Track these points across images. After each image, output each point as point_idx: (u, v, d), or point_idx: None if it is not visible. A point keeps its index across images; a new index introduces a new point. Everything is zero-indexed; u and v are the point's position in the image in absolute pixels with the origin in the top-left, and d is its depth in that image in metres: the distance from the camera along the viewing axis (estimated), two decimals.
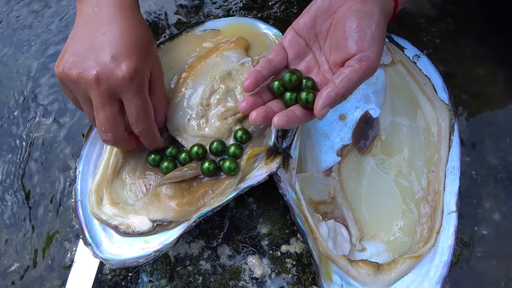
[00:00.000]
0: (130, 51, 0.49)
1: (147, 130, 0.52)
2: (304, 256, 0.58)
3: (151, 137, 0.53)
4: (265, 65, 0.52)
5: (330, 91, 0.47)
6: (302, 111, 0.50)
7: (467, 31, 0.73)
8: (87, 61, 0.48)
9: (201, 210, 0.52)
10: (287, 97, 0.51)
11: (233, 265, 0.58)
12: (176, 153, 0.57)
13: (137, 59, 0.49)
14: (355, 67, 0.47)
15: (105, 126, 0.50)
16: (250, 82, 0.50)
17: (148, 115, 0.51)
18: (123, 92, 0.49)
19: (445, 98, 0.61)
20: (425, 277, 0.52)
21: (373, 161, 0.60)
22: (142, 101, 0.50)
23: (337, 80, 0.47)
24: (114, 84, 0.48)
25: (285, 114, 0.48)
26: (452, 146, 0.59)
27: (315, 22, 0.52)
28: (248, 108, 0.50)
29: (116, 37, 0.49)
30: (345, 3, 0.50)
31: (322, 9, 0.51)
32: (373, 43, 0.48)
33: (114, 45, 0.49)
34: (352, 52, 0.48)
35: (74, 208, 0.55)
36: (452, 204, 0.56)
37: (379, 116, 0.62)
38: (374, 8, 0.49)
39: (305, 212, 0.54)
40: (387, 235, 0.57)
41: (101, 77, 0.47)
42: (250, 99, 0.51)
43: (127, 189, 0.56)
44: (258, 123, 0.50)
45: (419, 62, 0.63)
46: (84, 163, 0.57)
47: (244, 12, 0.76)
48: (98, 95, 0.48)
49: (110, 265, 0.51)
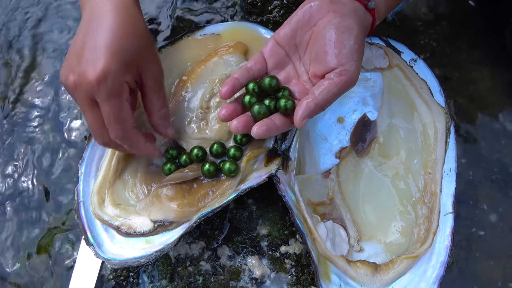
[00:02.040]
0: (108, 53, 0.46)
1: (121, 138, 0.49)
2: (303, 256, 0.59)
3: (128, 145, 0.50)
4: (243, 73, 0.52)
5: (310, 102, 0.48)
6: (282, 119, 0.50)
7: (464, 35, 0.74)
8: (70, 66, 0.47)
9: (202, 211, 0.53)
10: (266, 103, 0.51)
11: (233, 266, 0.59)
12: (177, 154, 0.57)
13: (111, 61, 0.46)
14: (334, 80, 0.48)
15: (92, 130, 0.50)
16: (227, 89, 0.51)
17: (120, 123, 0.48)
18: (95, 96, 0.46)
19: (441, 101, 0.62)
20: (422, 277, 0.53)
21: (371, 163, 0.61)
22: (113, 107, 0.47)
23: (317, 92, 0.48)
24: (86, 88, 0.46)
25: (265, 123, 0.49)
26: (449, 148, 0.59)
27: (295, 34, 0.53)
28: (227, 116, 0.51)
29: (99, 39, 0.47)
30: (325, 17, 0.51)
31: (302, 21, 0.52)
32: (352, 58, 0.49)
33: (95, 47, 0.46)
34: (332, 65, 0.49)
35: (76, 209, 0.55)
36: (448, 206, 0.56)
37: (376, 119, 0.63)
38: (352, 23, 0.50)
39: (304, 213, 0.55)
40: (384, 236, 0.58)
41: (76, 82, 0.46)
42: (230, 107, 0.51)
43: (129, 190, 0.57)
44: (239, 132, 0.50)
45: (415, 66, 0.64)
46: (86, 165, 0.58)
47: (244, 16, 0.77)
48: (79, 100, 0.48)
49: (112, 265, 0.52)
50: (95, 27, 0.48)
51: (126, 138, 0.49)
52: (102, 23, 0.48)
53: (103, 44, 0.46)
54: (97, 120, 0.48)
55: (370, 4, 0.53)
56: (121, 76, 0.47)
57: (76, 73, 0.46)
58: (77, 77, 0.46)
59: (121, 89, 0.47)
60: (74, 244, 0.61)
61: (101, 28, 0.48)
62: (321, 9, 0.51)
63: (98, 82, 0.45)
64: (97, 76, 0.45)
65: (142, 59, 0.50)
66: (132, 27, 0.50)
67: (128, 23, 0.49)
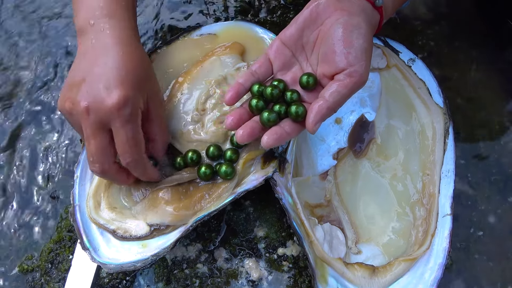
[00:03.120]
0: (122, 80, 0.48)
1: (136, 162, 0.50)
2: (301, 259, 0.59)
3: (141, 170, 0.51)
4: (248, 77, 0.51)
5: (321, 106, 0.47)
6: (292, 125, 0.49)
7: (462, 35, 0.73)
8: (80, 93, 0.48)
9: (198, 214, 0.53)
10: (275, 109, 0.50)
11: (230, 268, 0.59)
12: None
13: (129, 88, 0.48)
14: (344, 82, 0.47)
15: (93, 156, 0.49)
16: (231, 95, 0.50)
17: (137, 147, 0.49)
18: (112, 122, 0.47)
19: (440, 102, 0.61)
20: (420, 280, 0.53)
21: (368, 165, 0.61)
22: (131, 131, 0.48)
23: (327, 94, 0.47)
24: (103, 113, 0.47)
25: (275, 132, 0.47)
26: (447, 149, 0.59)
27: (302, 33, 0.52)
28: (234, 125, 0.49)
29: (110, 67, 0.48)
30: (332, 15, 0.49)
31: (309, 20, 0.51)
32: (362, 58, 0.48)
33: (107, 75, 0.48)
34: (342, 66, 0.48)
35: (72, 213, 0.55)
36: (447, 207, 0.56)
37: (374, 119, 0.63)
38: (361, 21, 0.49)
39: (301, 216, 0.54)
40: (382, 238, 0.57)
41: (90, 107, 0.47)
42: (236, 114, 0.50)
43: (125, 194, 0.56)
44: (245, 141, 0.49)
45: (414, 66, 0.64)
46: (82, 168, 0.58)
47: (241, 16, 0.76)
48: (88, 126, 0.48)
49: (107, 269, 0.51)
50: (103, 58, 0.49)
51: (139, 162, 0.50)
52: (109, 55, 0.49)
53: (117, 73, 0.48)
54: (102, 146, 0.48)
55: (377, 2, 0.51)
56: (136, 103, 0.49)
57: (89, 99, 0.47)
58: (91, 103, 0.47)
59: (137, 115, 0.49)
60: (69, 248, 0.60)
61: (109, 59, 0.49)
62: (328, 7, 0.50)
63: (118, 108, 0.47)
64: (118, 102, 0.46)
65: (149, 88, 0.52)
66: (139, 59, 0.52)
67: (135, 56, 0.51)
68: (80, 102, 0.47)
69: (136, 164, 0.50)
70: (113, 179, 0.52)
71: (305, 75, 0.51)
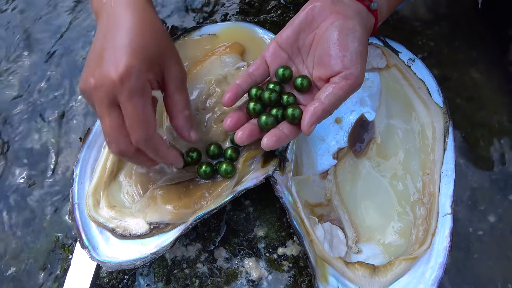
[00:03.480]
0: (129, 52, 0.45)
1: (145, 141, 0.46)
2: (301, 258, 0.58)
3: (152, 149, 0.47)
4: (245, 79, 0.51)
5: (317, 108, 0.47)
6: (290, 127, 0.49)
7: (462, 35, 0.73)
8: (90, 71, 0.46)
9: (198, 212, 0.53)
10: (273, 112, 0.50)
11: (230, 268, 0.58)
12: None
13: (134, 59, 0.44)
14: (340, 84, 0.47)
15: (109, 135, 0.46)
16: (230, 96, 0.50)
17: (145, 122, 0.45)
18: (118, 96, 0.44)
19: (440, 101, 0.61)
20: (421, 279, 0.53)
21: (368, 164, 0.61)
22: (137, 105, 0.44)
23: (322, 97, 0.47)
24: (108, 88, 0.44)
25: (274, 134, 0.48)
26: (447, 149, 0.59)
27: (298, 36, 0.52)
28: (232, 126, 0.49)
29: (118, 40, 0.46)
30: (327, 19, 0.50)
31: (305, 23, 0.51)
32: (357, 61, 0.48)
33: (114, 48, 0.45)
34: (337, 69, 0.48)
35: (71, 211, 0.55)
36: (447, 206, 0.56)
37: (374, 119, 0.63)
38: (356, 25, 0.49)
39: (301, 215, 0.54)
40: (383, 237, 0.57)
41: (96, 83, 0.45)
42: (234, 116, 0.50)
43: (124, 192, 0.56)
44: (244, 142, 0.49)
45: (413, 66, 0.64)
46: (81, 166, 0.58)
47: (240, 16, 0.76)
48: (98, 103, 0.46)
49: (107, 268, 0.51)
50: (112, 30, 0.47)
51: (150, 141, 0.46)
52: (119, 24, 0.47)
53: (123, 43, 0.45)
54: (116, 124, 0.45)
55: (372, 5, 0.52)
56: (143, 74, 0.45)
57: (96, 76, 0.45)
58: (97, 79, 0.45)
59: (144, 88, 0.45)
60: (69, 247, 0.60)
61: (119, 29, 0.47)
62: (324, 10, 0.50)
63: (121, 80, 0.44)
64: (120, 74, 0.43)
65: (163, 58, 0.48)
66: (150, 26, 0.48)
67: (146, 22, 0.48)
68: (88, 79, 0.45)
69: (146, 143, 0.46)
70: (135, 160, 0.49)
71: (299, 77, 0.51)
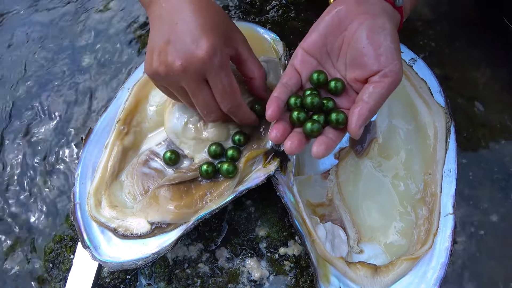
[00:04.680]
0: (206, 31, 0.48)
1: (235, 108, 0.51)
2: (302, 258, 0.58)
3: (241, 115, 0.53)
4: (282, 90, 0.51)
5: (362, 109, 0.46)
6: (335, 133, 0.48)
7: (463, 35, 0.73)
8: (169, 54, 0.48)
9: (200, 212, 0.53)
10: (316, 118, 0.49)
11: (231, 268, 0.58)
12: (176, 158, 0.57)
13: (213, 37, 0.48)
14: (381, 83, 0.47)
15: (205, 109, 0.51)
16: (273, 109, 0.48)
17: (234, 92, 0.50)
18: (207, 72, 0.48)
19: (441, 101, 0.61)
20: (423, 279, 0.53)
21: (370, 164, 0.61)
22: (225, 78, 0.49)
23: (366, 97, 0.47)
24: (197, 66, 0.48)
25: (322, 142, 0.47)
26: (449, 149, 0.59)
27: (325, 41, 0.51)
28: (280, 137, 0.49)
29: (189, 22, 0.48)
30: (355, 19, 0.49)
31: (332, 26, 0.50)
32: (393, 57, 0.47)
33: (189, 31, 0.48)
34: (375, 68, 0.47)
35: (72, 211, 0.55)
36: (449, 206, 0.56)
37: (376, 119, 0.62)
38: (385, 22, 0.49)
39: (303, 215, 0.54)
40: (384, 237, 0.57)
41: (185, 64, 0.48)
42: (280, 127, 0.49)
43: (126, 192, 0.56)
44: (294, 152, 0.48)
45: (415, 66, 0.64)
46: (82, 166, 0.58)
47: (242, 16, 0.76)
48: (189, 83, 0.49)
49: (108, 268, 0.51)
50: (177, 14, 0.49)
51: (239, 106, 0.52)
52: (184, 9, 0.49)
53: (197, 24, 0.48)
54: (209, 97, 0.50)
55: (397, 2, 0.51)
56: (224, 49, 0.49)
57: (181, 57, 0.48)
58: (184, 60, 0.48)
59: (227, 61, 0.50)
60: (70, 247, 0.60)
61: (185, 13, 0.49)
62: (350, 12, 0.50)
63: (210, 57, 0.47)
64: (207, 52, 0.47)
65: (231, 33, 0.52)
66: (212, 7, 0.51)
67: (207, 5, 0.51)
68: (174, 62, 0.48)
69: (237, 109, 0.52)
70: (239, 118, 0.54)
71: (332, 80, 0.51)
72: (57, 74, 0.74)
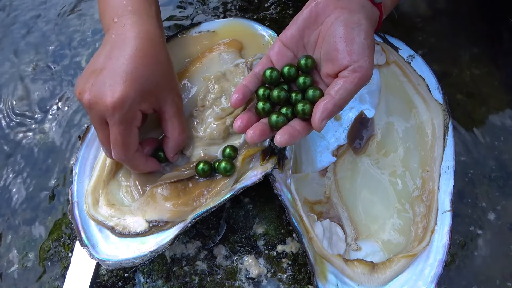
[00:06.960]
0: (127, 81, 0.47)
1: (123, 161, 0.51)
2: (300, 255, 0.58)
3: (131, 167, 0.53)
4: (252, 80, 0.51)
5: (327, 103, 0.46)
6: (301, 124, 0.48)
7: (462, 31, 0.73)
8: (87, 84, 0.48)
9: (197, 210, 0.53)
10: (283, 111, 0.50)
11: (229, 265, 0.58)
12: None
13: (130, 90, 0.47)
14: (350, 78, 0.47)
15: (102, 146, 0.52)
16: (238, 97, 0.49)
17: (124, 147, 0.49)
18: (107, 119, 0.48)
19: (439, 98, 0.61)
20: (420, 276, 0.53)
21: (368, 161, 0.61)
22: (121, 132, 0.48)
23: (333, 91, 0.47)
24: (100, 109, 0.47)
25: (286, 131, 0.47)
26: (447, 146, 0.59)
27: (303, 34, 0.51)
28: (243, 127, 0.49)
29: (119, 65, 0.48)
30: (332, 14, 0.49)
31: (309, 20, 0.51)
32: (365, 53, 0.47)
33: (114, 73, 0.48)
34: (345, 63, 0.47)
35: (70, 209, 0.55)
36: (446, 203, 0.56)
37: (374, 116, 0.62)
38: (361, 18, 0.49)
39: (300, 212, 0.54)
40: (382, 235, 0.57)
41: (92, 101, 0.47)
42: (244, 117, 0.49)
43: (123, 191, 0.56)
44: (255, 142, 0.48)
45: (413, 62, 0.63)
46: (80, 165, 0.58)
47: (240, 13, 0.76)
48: (93, 118, 0.49)
49: (106, 266, 0.51)
50: (118, 51, 0.49)
51: (128, 161, 0.51)
52: (125, 49, 0.49)
53: (124, 70, 0.48)
54: (105, 139, 0.50)
55: None
56: (137, 105, 0.48)
57: (92, 93, 0.47)
58: (92, 97, 0.47)
59: (133, 117, 0.49)
60: (69, 245, 0.60)
61: (123, 54, 0.49)
62: (328, 6, 0.50)
63: (114, 107, 0.47)
64: (114, 102, 0.46)
65: (162, 87, 0.51)
66: (154, 57, 0.50)
67: (151, 52, 0.50)
68: (85, 94, 0.48)
69: (123, 161, 0.52)
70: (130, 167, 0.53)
71: (303, 57, 0.50)
72: (57, 74, 0.74)
